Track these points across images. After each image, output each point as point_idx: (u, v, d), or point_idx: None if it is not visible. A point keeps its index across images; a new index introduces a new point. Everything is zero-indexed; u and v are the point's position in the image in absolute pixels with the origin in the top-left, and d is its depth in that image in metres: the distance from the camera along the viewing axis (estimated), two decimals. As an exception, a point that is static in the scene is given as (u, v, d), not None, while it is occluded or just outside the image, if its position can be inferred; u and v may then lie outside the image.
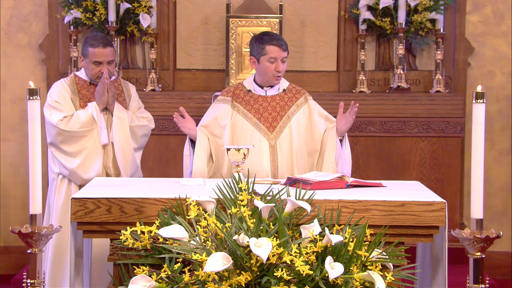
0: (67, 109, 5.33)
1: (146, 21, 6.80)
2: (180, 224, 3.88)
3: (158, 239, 3.87)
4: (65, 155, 5.28)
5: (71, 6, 6.78)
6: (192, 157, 5.09)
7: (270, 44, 5.01)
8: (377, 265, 3.80)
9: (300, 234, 3.84)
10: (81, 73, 5.45)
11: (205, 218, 3.83)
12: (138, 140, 5.46)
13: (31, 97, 3.56)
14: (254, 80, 5.16)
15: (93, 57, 5.30)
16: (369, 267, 3.78)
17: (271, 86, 5.15)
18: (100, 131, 5.29)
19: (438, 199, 4.11)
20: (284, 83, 5.19)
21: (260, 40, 5.06)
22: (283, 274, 3.59)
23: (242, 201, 3.95)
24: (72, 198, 4.07)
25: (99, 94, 5.31)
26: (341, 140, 5.09)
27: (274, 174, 5.05)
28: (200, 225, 3.82)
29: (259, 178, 4.80)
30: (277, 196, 3.99)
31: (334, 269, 3.61)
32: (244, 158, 4.48)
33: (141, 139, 5.48)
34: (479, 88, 3.66)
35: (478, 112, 3.64)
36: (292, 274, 3.63)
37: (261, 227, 3.80)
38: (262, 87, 5.14)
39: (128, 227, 3.89)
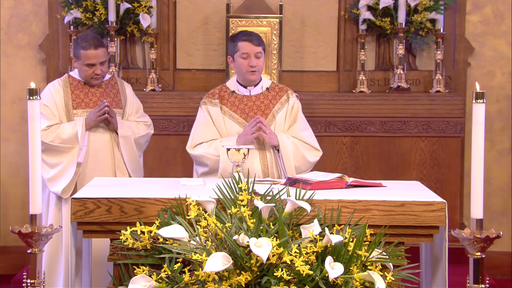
0: (53, 116, 5.32)
1: (146, 21, 6.80)
2: (180, 224, 3.88)
3: (158, 239, 3.87)
4: (44, 164, 5.27)
5: (71, 6, 6.78)
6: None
7: (240, 40, 5.07)
8: (377, 265, 3.80)
9: (300, 234, 3.84)
10: (75, 73, 5.45)
11: (205, 218, 3.83)
12: (142, 148, 5.56)
13: (31, 97, 3.56)
14: (237, 81, 5.18)
15: (86, 60, 5.30)
16: (369, 267, 3.78)
17: (255, 85, 5.16)
18: (79, 151, 5.29)
19: (438, 199, 4.11)
20: (266, 82, 5.22)
21: (233, 38, 5.13)
22: (283, 274, 3.60)
23: (242, 201, 3.95)
24: (72, 198, 4.07)
25: (92, 117, 5.30)
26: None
27: (265, 173, 5.06)
28: (200, 225, 3.82)
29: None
30: (277, 196, 3.99)
31: (334, 269, 3.61)
32: (244, 158, 4.48)
33: (144, 145, 5.58)
34: (477, 87, 3.65)
35: (478, 112, 3.63)
36: (292, 274, 3.63)
37: (261, 227, 3.80)
38: (245, 87, 5.15)
39: (128, 227, 3.89)
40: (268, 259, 3.61)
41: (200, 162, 5.12)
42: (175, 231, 3.82)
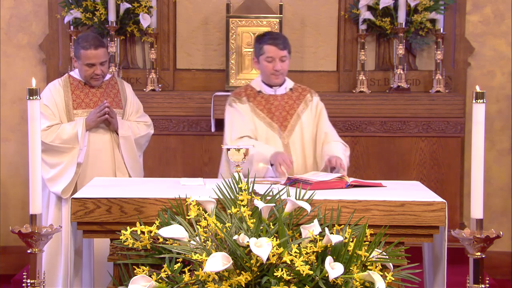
0: (54, 116, 5.32)
1: (146, 21, 6.80)
2: (180, 224, 3.88)
3: (158, 239, 3.87)
4: (44, 164, 5.27)
5: (71, 6, 6.78)
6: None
7: (266, 43, 5.05)
8: (377, 265, 3.80)
9: (300, 234, 3.84)
10: (75, 73, 5.46)
11: (205, 218, 3.83)
12: (142, 148, 5.56)
13: (31, 97, 3.56)
14: (262, 81, 5.16)
15: (86, 60, 5.30)
16: (369, 267, 3.78)
17: (280, 85, 5.14)
18: (79, 151, 5.29)
19: (438, 199, 4.11)
20: (289, 83, 5.20)
21: (259, 40, 5.11)
22: (283, 274, 3.60)
23: (242, 201, 3.95)
24: (72, 198, 4.07)
25: (92, 117, 5.30)
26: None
27: (290, 173, 5.04)
28: (200, 225, 3.82)
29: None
30: (277, 196, 3.99)
31: (334, 269, 3.61)
32: (244, 158, 4.47)
33: (144, 145, 5.58)
34: (477, 88, 3.65)
35: (478, 112, 3.63)
36: (292, 274, 3.63)
37: (261, 227, 3.80)
38: (271, 87, 5.14)
39: (128, 227, 3.89)
40: (268, 259, 3.61)
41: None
42: (175, 231, 3.82)
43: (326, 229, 3.79)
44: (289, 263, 3.63)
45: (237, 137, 5.04)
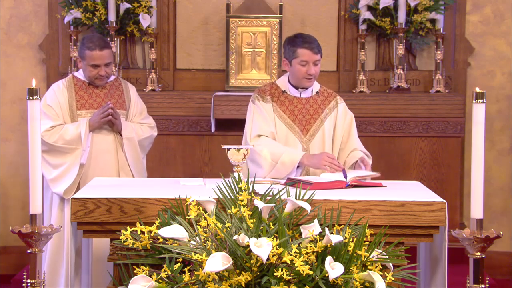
0: (57, 116, 5.32)
1: (146, 21, 6.80)
2: (180, 224, 3.88)
3: (158, 239, 3.87)
4: (47, 164, 5.27)
5: (71, 6, 6.78)
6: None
7: (301, 47, 4.98)
8: (377, 265, 3.80)
9: (300, 234, 3.84)
10: (79, 74, 5.46)
11: (205, 218, 3.83)
12: (146, 149, 5.57)
13: (31, 97, 3.56)
14: (289, 81, 5.12)
15: (91, 60, 5.30)
16: (369, 267, 3.78)
17: (306, 88, 5.10)
18: (82, 152, 5.29)
19: (438, 199, 4.11)
20: (316, 86, 5.15)
21: (292, 43, 5.03)
22: (283, 274, 3.60)
23: (242, 201, 3.95)
24: (72, 198, 4.07)
25: (95, 118, 5.30)
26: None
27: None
28: (200, 225, 3.82)
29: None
30: (277, 196, 3.99)
31: (334, 269, 3.61)
32: (244, 158, 4.46)
33: (147, 147, 5.59)
34: (477, 89, 3.66)
35: (478, 112, 3.63)
36: (292, 274, 3.64)
37: (261, 227, 3.80)
38: (297, 88, 5.10)
39: (128, 227, 3.89)
40: (268, 259, 3.61)
41: (253, 158, 5.00)
42: (175, 231, 3.82)
43: (326, 229, 3.79)
44: (289, 263, 3.63)
45: (255, 135, 5.02)
